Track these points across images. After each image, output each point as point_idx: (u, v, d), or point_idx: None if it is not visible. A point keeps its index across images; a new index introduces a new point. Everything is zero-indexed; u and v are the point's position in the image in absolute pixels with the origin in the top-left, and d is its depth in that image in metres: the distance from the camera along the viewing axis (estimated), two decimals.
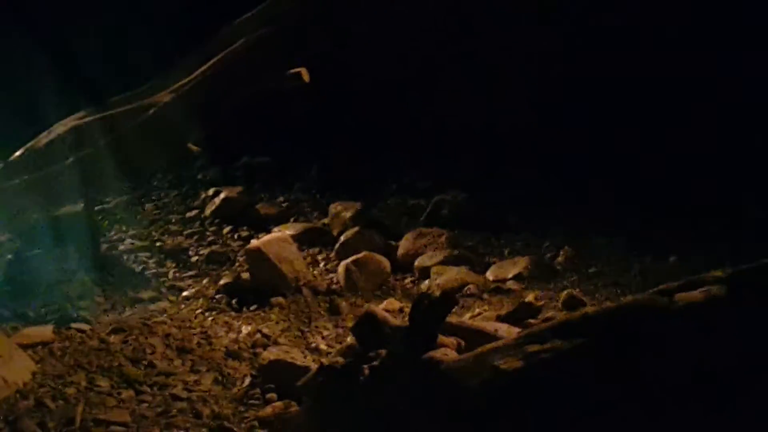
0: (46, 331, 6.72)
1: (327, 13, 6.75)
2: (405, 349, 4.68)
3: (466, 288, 7.79)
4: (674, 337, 4.01)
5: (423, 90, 11.26)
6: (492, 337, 5.26)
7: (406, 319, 4.91)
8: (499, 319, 6.47)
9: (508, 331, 5.57)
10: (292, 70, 7.00)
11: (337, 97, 11.40)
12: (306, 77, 6.94)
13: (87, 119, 7.45)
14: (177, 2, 11.45)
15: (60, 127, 7.53)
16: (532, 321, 6.30)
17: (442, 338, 4.89)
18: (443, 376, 4.38)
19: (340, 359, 5.17)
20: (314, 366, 5.50)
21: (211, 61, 7.01)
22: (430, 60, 11.36)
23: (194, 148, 8.03)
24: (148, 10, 11.17)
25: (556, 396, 4.06)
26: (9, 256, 8.15)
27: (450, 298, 4.71)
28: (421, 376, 4.46)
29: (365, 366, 4.77)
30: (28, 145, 7.55)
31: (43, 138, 7.54)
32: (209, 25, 7.76)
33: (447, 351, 4.68)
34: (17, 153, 7.58)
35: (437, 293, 4.82)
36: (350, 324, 6.74)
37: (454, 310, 7.09)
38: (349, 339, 5.82)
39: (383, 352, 4.80)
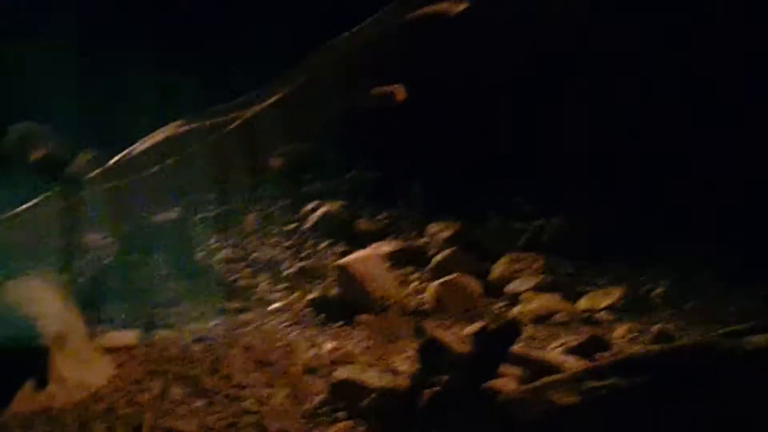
0: (130, 335, 6.77)
1: (429, 35, 6.66)
2: (466, 378, 4.59)
3: (555, 316, 7.64)
4: (738, 382, 3.84)
5: (532, 112, 11.10)
6: (557, 369, 5.12)
7: None
8: (569, 351, 6.32)
9: (575, 365, 5.42)
10: (388, 88, 6.94)
11: (444, 114, 11.31)
12: (401, 95, 6.88)
13: (183, 128, 7.51)
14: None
15: (158, 135, 7.61)
16: (600, 355, 6.13)
17: (506, 368, 4.78)
18: (500, 407, 4.27)
19: (404, 383, 5.12)
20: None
21: (307, 77, 7.00)
22: (540, 82, 11.19)
23: (277, 162, 8.03)
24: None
25: None
26: (105, 261, 8.24)
27: (514, 328, 4.60)
28: (478, 405, 4.36)
29: (425, 391, 4.69)
30: (126, 151, 7.64)
31: (141, 145, 7.63)
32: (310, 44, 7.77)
33: (507, 381, 4.58)
34: (115, 159, 7.69)
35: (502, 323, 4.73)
36: None
37: (542, 337, 7.04)
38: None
39: (444, 378, 4.72)
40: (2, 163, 8.32)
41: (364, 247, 9.30)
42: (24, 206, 7.05)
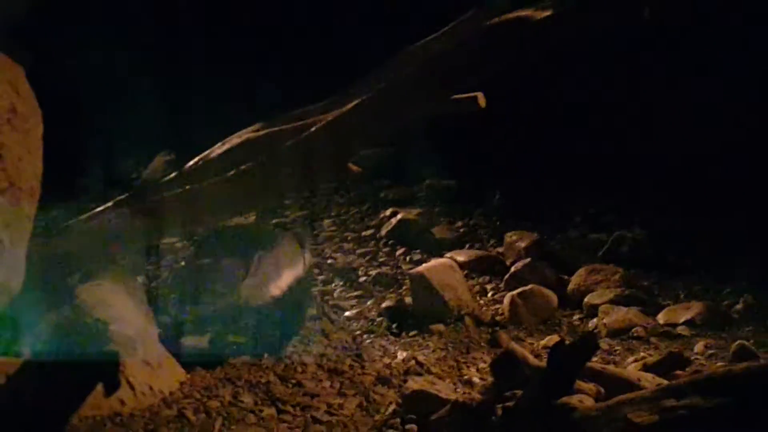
0: (202, 341, 6.72)
1: (508, 41, 6.55)
2: (540, 393, 4.47)
3: (633, 330, 7.51)
4: None
5: (614, 122, 10.95)
6: (634, 386, 4.98)
7: None
8: (646, 368, 6.17)
9: (652, 382, 5.28)
10: (469, 94, 6.84)
11: (523, 122, 11.22)
12: (482, 102, 6.78)
13: (261, 132, 7.48)
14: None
15: (234, 139, 7.58)
16: (679, 372, 5.97)
17: (581, 384, 4.67)
18: (574, 424, 4.15)
19: (477, 396, 5.02)
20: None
21: (386, 82, 6.92)
22: (625, 91, 11.04)
23: (355, 168, 7.97)
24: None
25: None
26: (181, 263, 8.24)
27: (590, 343, 4.48)
28: (552, 422, 4.25)
29: (499, 406, 4.59)
30: (202, 155, 7.62)
31: (217, 148, 7.60)
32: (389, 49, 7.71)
33: (583, 398, 4.46)
34: (191, 162, 7.67)
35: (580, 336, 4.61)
36: None
37: (619, 351, 6.91)
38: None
39: (518, 393, 4.62)
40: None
41: (440, 255, 9.22)
42: (98, 209, 7.04)
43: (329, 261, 9.39)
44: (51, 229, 6.64)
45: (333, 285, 8.72)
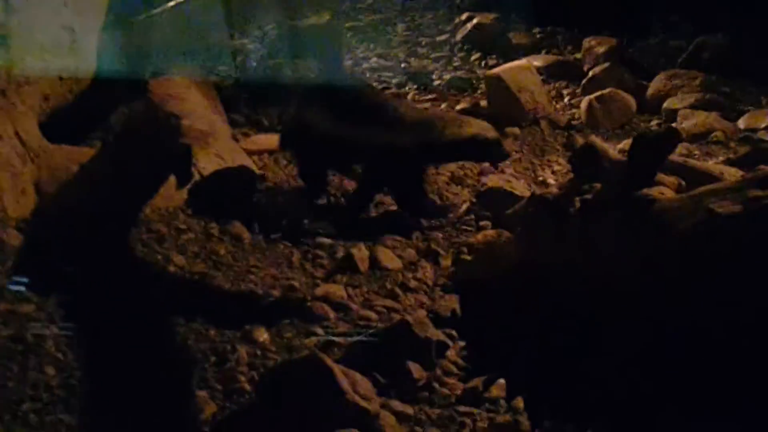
0: (275, 139, 6.69)
1: None
2: (620, 185, 4.36)
3: (712, 135, 7.35)
4: None
5: None
6: (717, 179, 4.85)
7: None
8: (730, 162, 6.02)
9: (735, 175, 5.14)
10: None
11: None
12: None
13: None
14: None
15: None
16: (764, 167, 5.81)
17: (662, 177, 4.56)
18: (655, 214, 4.05)
19: (554, 191, 4.93)
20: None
21: None
22: None
23: None
24: None
25: None
26: (253, 64, 8.17)
27: (674, 134, 4.33)
28: (632, 213, 4.15)
29: (577, 198, 4.50)
30: None
31: None
32: None
33: (664, 190, 4.35)
34: None
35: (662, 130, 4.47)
36: None
37: (699, 155, 6.76)
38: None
39: (598, 185, 4.52)
40: None
41: (516, 60, 9.02)
42: (172, 3, 6.92)
43: (402, 65, 9.23)
44: (125, 19, 6.50)
45: (407, 88, 8.58)
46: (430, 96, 8.35)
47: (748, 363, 3.60)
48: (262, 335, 4.27)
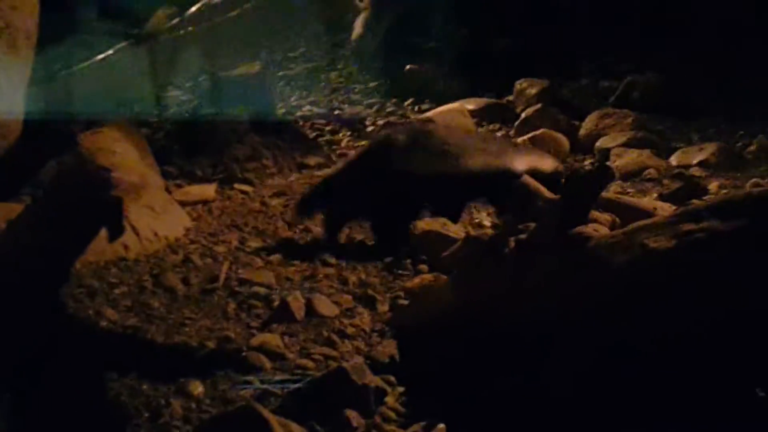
0: (208, 189, 6.70)
1: None
2: (555, 224, 4.35)
3: (645, 172, 7.40)
4: None
5: None
6: (650, 215, 4.87)
7: None
8: (663, 198, 6.06)
9: (668, 210, 5.17)
10: None
11: None
12: None
13: None
14: None
15: None
16: (695, 201, 5.85)
17: (596, 214, 4.56)
18: (590, 252, 4.04)
19: (489, 232, 4.92)
20: None
21: None
22: None
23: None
24: None
25: (709, 281, 3.68)
26: (185, 115, 8.13)
27: (606, 172, 4.33)
28: (566, 252, 4.14)
29: (512, 238, 4.48)
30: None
31: None
32: None
33: (598, 227, 4.35)
34: (195, 7, 7.50)
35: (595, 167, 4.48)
36: None
37: (632, 192, 6.80)
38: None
39: (532, 225, 4.51)
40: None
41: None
42: (101, 56, 6.88)
43: (336, 112, 9.22)
44: (52, 73, 6.44)
45: (340, 135, 8.57)
46: (364, 141, 8.32)
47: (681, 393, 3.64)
48: (197, 388, 4.19)
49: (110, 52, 7.04)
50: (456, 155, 5.86)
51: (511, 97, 9.46)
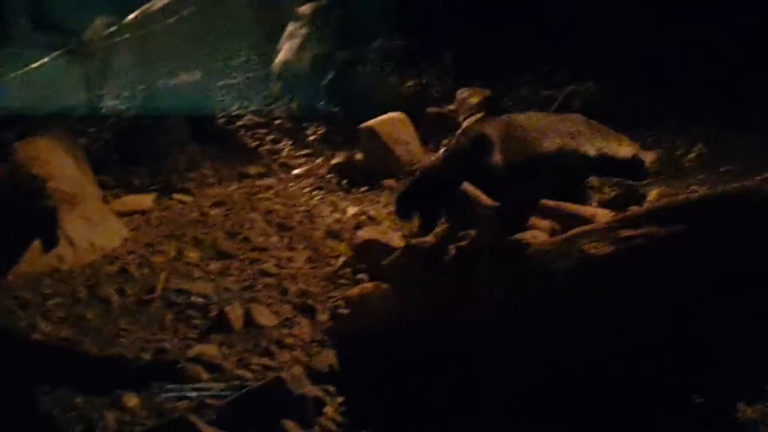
0: (146, 199, 6.61)
1: None
2: (493, 230, 4.34)
3: (587, 180, 7.37)
4: None
5: None
6: (588, 221, 4.85)
7: None
8: (602, 204, 6.06)
9: (607, 216, 5.15)
10: None
11: None
12: None
13: None
14: None
15: None
16: (634, 208, 5.85)
17: (535, 221, 4.53)
18: (528, 259, 4.03)
19: (430, 239, 4.90)
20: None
21: None
22: None
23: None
24: None
25: (648, 286, 3.68)
26: (123, 124, 8.03)
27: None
28: (506, 258, 4.12)
29: (451, 246, 4.46)
30: (144, 7, 7.37)
31: (159, 1, 7.35)
32: None
33: (537, 234, 4.33)
34: (132, 15, 7.42)
35: None
36: None
37: None
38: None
39: (472, 232, 4.48)
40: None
41: None
42: (36, 64, 6.77)
43: (277, 122, 9.14)
44: None
45: (282, 144, 8.49)
46: (305, 150, 8.26)
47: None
48: (132, 400, 4.13)
49: (45, 60, 6.90)
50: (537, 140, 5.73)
51: (452, 107, 9.39)
